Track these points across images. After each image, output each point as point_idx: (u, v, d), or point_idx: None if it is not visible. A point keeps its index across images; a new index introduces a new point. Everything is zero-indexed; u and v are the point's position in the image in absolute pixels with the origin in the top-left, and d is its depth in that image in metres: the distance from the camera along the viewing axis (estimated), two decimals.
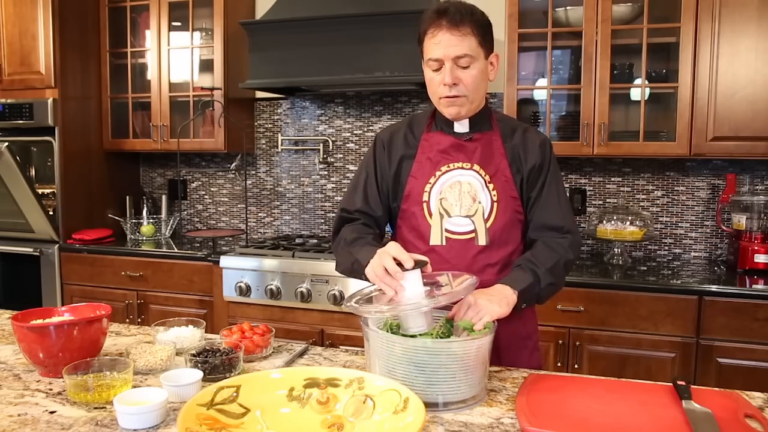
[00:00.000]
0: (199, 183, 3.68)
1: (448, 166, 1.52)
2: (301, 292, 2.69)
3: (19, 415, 1.13)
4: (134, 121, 3.43)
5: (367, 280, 1.35)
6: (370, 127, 3.30)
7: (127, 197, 3.52)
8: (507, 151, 1.54)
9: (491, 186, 1.51)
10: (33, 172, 3.38)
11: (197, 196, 3.70)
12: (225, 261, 2.82)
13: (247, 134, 3.41)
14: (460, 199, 1.50)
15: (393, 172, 1.58)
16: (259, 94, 3.45)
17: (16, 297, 3.33)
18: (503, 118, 1.62)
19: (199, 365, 1.29)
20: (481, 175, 1.51)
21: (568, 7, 2.68)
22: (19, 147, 3.18)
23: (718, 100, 2.51)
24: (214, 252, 2.96)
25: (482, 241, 1.48)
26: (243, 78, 3.14)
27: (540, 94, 2.93)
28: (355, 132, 3.33)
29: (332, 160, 3.37)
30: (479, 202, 1.49)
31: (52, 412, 1.14)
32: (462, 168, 1.52)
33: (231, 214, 3.64)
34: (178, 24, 3.34)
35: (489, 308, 1.28)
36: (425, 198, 1.52)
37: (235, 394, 1.07)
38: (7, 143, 2.89)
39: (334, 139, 3.36)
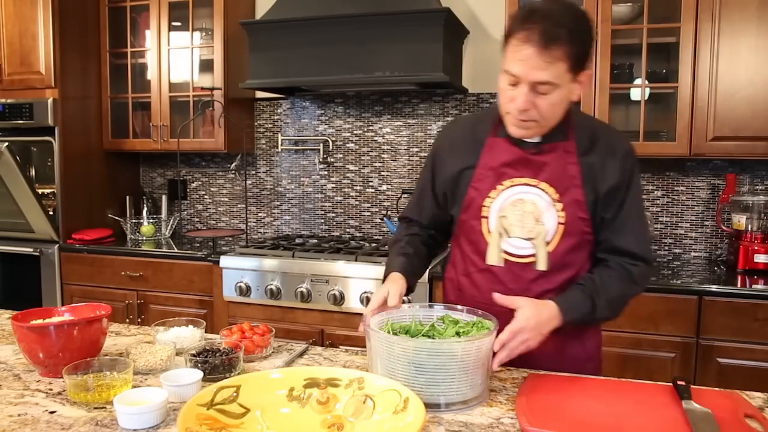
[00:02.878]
0: (199, 183, 3.68)
1: (512, 181, 1.37)
2: (301, 292, 2.69)
3: (19, 415, 1.13)
4: (134, 121, 3.43)
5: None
6: (370, 127, 3.30)
7: (127, 197, 3.52)
8: (582, 168, 1.36)
9: (559, 206, 1.35)
10: (33, 172, 3.37)
11: (197, 196, 3.69)
12: (225, 261, 2.82)
13: (247, 134, 3.41)
14: (521, 219, 1.36)
15: (452, 177, 1.47)
16: (259, 94, 3.45)
17: (16, 297, 3.33)
18: (582, 123, 1.41)
19: (199, 365, 1.29)
20: (548, 193, 1.35)
21: None
22: (19, 147, 3.17)
23: (718, 100, 2.51)
24: (214, 252, 2.96)
25: (542, 266, 1.36)
26: (243, 78, 3.14)
27: None
28: (355, 132, 3.33)
29: (332, 160, 3.37)
30: (542, 224, 1.35)
31: (52, 412, 1.14)
32: (527, 185, 1.36)
33: (231, 214, 3.64)
34: (178, 24, 3.34)
35: (534, 340, 1.26)
36: (485, 213, 1.39)
37: (235, 394, 1.07)
38: (7, 143, 2.89)
39: (334, 139, 3.36)
